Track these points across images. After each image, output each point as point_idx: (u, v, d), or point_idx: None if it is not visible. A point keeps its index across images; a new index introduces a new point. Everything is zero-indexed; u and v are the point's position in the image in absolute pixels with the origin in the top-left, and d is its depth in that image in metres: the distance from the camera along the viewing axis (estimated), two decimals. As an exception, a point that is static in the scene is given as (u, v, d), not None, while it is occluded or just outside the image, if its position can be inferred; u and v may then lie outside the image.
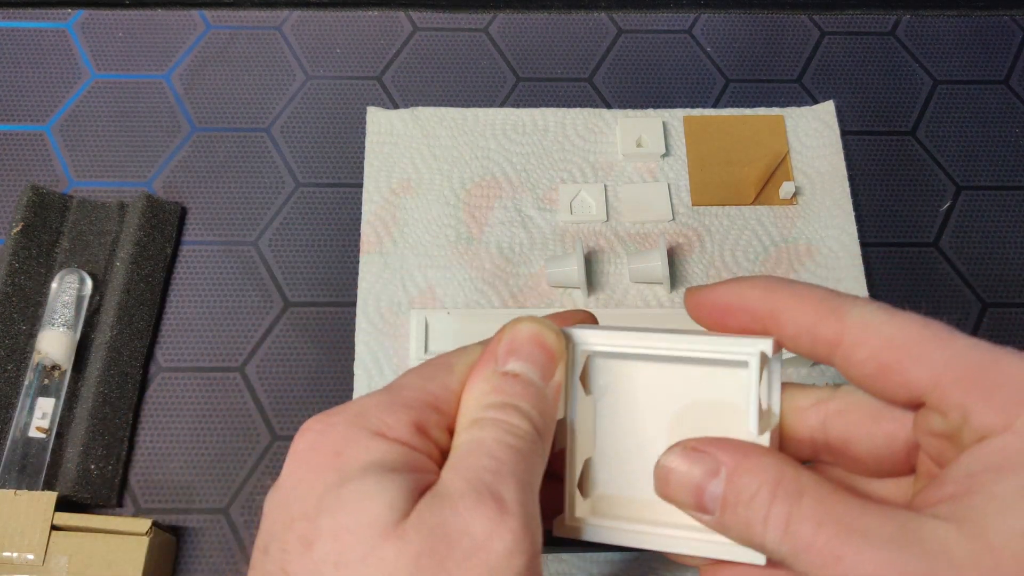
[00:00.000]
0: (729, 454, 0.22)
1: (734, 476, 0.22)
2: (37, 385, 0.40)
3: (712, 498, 0.22)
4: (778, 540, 0.21)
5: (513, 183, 0.47)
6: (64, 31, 0.51)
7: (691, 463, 0.23)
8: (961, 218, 0.48)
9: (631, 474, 0.25)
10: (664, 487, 0.23)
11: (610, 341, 0.25)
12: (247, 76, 0.50)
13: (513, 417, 0.23)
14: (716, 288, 0.25)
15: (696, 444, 0.23)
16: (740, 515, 0.22)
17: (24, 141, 0.48)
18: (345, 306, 0.45)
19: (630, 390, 0.26)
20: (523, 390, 0.23)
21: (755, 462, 0.22)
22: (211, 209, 0.47)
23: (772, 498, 0.21)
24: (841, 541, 0.20)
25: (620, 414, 0.26)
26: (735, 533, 0.22)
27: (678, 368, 0.25)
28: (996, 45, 0.53)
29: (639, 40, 0.52)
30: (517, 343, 0.24)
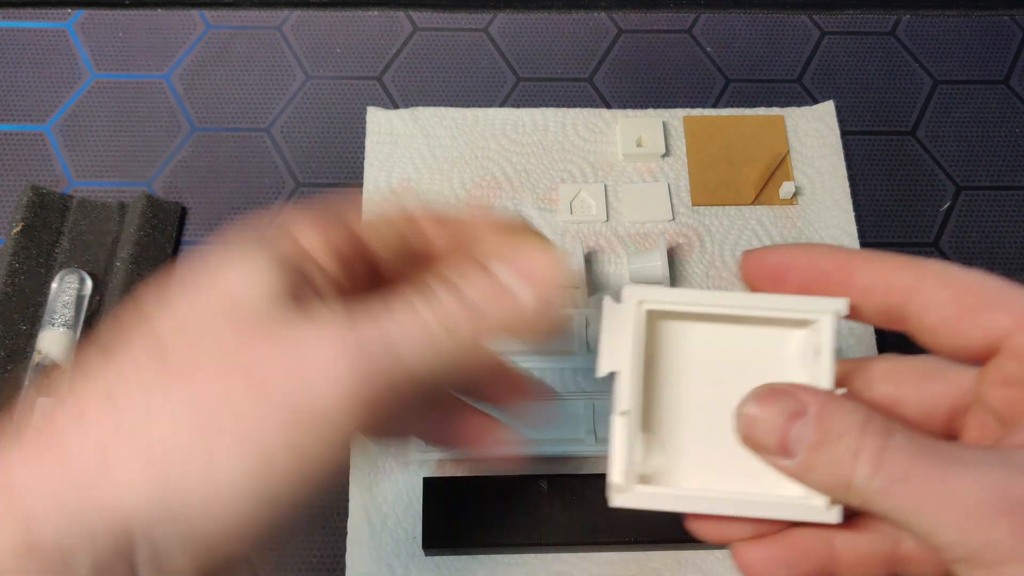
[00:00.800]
0: (815, 396, 0.22)
1: (822, 415, 0.22)
2: (37, 385, 0.40)
3: (797, 439, 0.22)
4: (869, 474, 0.21)
5: (513, 183, 0.47)
6: (64, 31, 0.51)
7: (776, 403, 0.22)
8: (961, 218, 0.48)
9: (687, 439, 0.25)
10: (747, 429, 0.23)
11: (674, 298, 0.24)
12: (247, 76, 0.50)
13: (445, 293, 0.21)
14: (778, 249, 0.25)
15: (780, 387, 0.23)
16: (827, 453, 0.21)
17: (24, 141, 0.48)
18: (345, 306, 0.45)
19: (688, 351, 0.25)
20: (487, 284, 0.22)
21: (842, 403, 0.22)
22: (211, 209, 0.47)
23: (863, 434, 0.21)
24: (941, 468, 0.20)
25: (678, 377, 0.25)
26: (819, 475, 0.22)
27: (737, 329, 0.25)
28: (996, 45, 0.53)
29: (639, 40, 0.52)
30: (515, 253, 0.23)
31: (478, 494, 0.39)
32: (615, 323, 0.25)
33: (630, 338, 0.24)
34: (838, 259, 0.24)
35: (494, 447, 0.27)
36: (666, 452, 0.25)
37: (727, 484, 0.24)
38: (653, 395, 0.25)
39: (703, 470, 0.25)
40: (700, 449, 0.25)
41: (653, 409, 0.25)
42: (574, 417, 0.41)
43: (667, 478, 0.25)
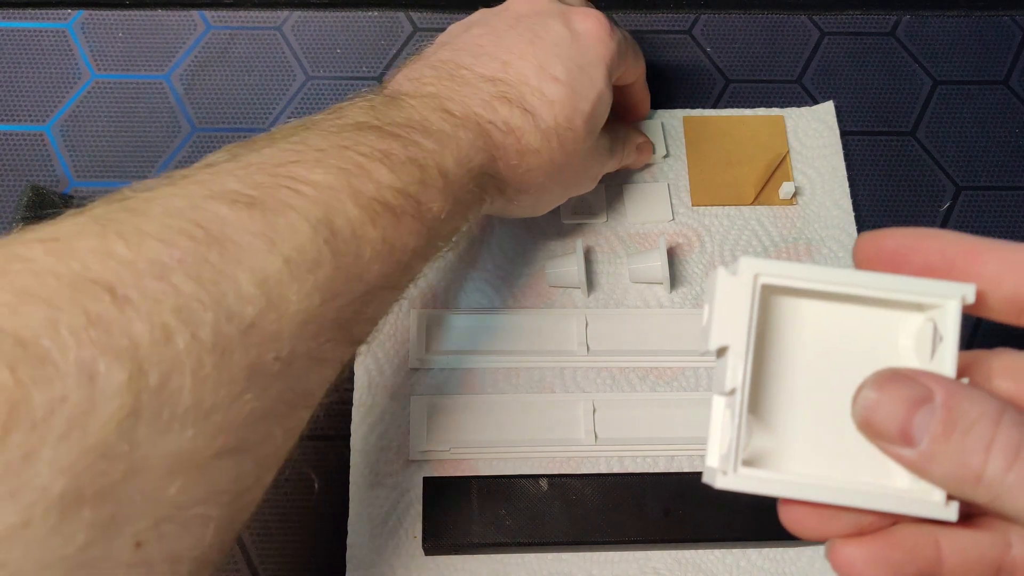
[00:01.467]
0: (941, 383, 0.21)
1: (951, 402, 0.20)
2: (37, 385, 0.40)
3: (921, 427, 0.20)
4: (1003, 468, 0.19)
5: (513, 183, 0.47)
6: (64, 31, 0.51)
7: (899, 388, 0.21)
8: (961, 218, 0.48)
9: (797, 422, 0.24)
10: (867, 414, 0.21)
11: (793, 273, 0.23)
12: (247, 76, 0.50)
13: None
14: (898, 232, 0.24)
15: (904, 371, 0.21)
16: (955, 443, 0.20)
17: (24, 141, 0.48)
18: (345, 306, 0.45)
19: (800, 330, 0.24)
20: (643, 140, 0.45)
21: (973, 392, 0.21)
22: (211, 209, 0.47)
23: (997, 424, 0.20)
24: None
25: (790, 357, 0.24)
26: (944, 466, 0.20)
27: (851, 309, 0.24)
28: (996, 45, 0.53)
29: (639, 40, 0.52)
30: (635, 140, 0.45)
31: (478, 494, 0.39)
32: (729, 295, 0.23)
33: (745, 312, 0.23)
34: (964, 245, 0.23)
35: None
36: (773, 435, 0.24)
37: (834, 472, 0.23)
38: (761, 374, 0.24)
39: (809, 456, 0.23)
40: (808, 434, 0.23)
41: (760, 389, 0.24)
42: (574, 417, 0.42)
43: (772, 462, 0.24)
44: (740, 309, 0.23)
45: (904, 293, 0.23)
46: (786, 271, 0.23)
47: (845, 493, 0.22)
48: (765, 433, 0.24)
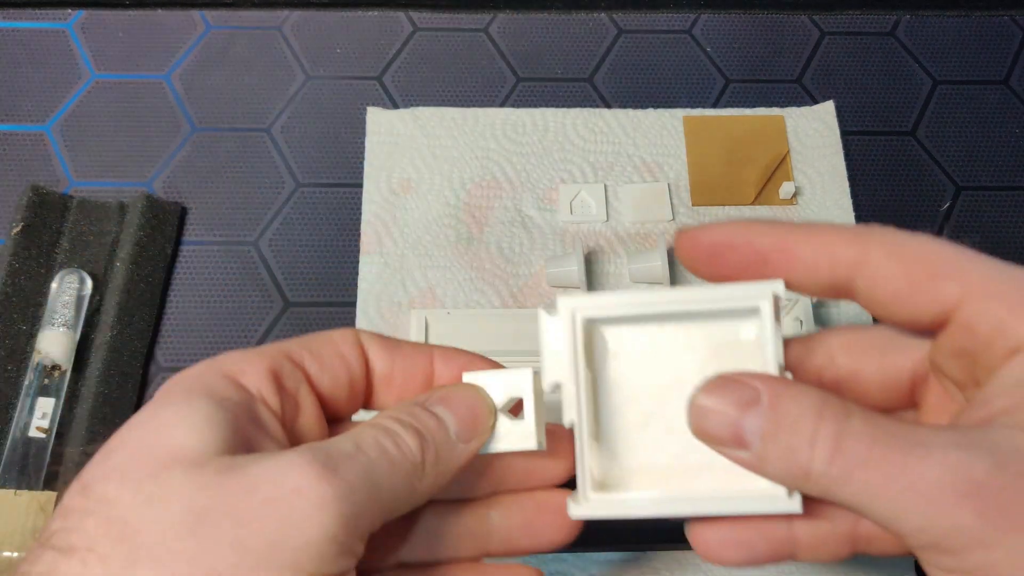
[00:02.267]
0: (767, 382, 0.21)
1: (776, 402, 0.21)
2: (37, 385, 0.40)
3: (752, 429, 0.21)
4: (827, 460, 0.19)
5: (513, 183, 0.47)
6: (64, 31, 0.51)
7: (728, 393, 0.21)
8: (961, 218, 0.48)
9: (641, 443, 0.24)
10: (699, 421, 0.22)
11: (608, 303, 0.24)
12: (247, 76, 0.50)
13: (408, 435, 0.22)
14: (712, 227, 0.24)
15: (731, 376, 0.22)
16: (783, 442, 0.20)
17: (24, 141, 0.48)
18: (345, 306, 0.45)
19: (639, 354, 0.24)
20: (434, 425, 0.23)
21: (796, 388, 0.21)
22: (211, 209, 0.47)
23: (819, 419, 0.20)
24: (901, 452, 0.19)
25: (625, 382, 0.25)
26: (776, 465, 0.21)
27: (679, 327, 0.24)
28: (996, 45, 0.53)
29: (639, 40, 0.52)
30: (450, 397, 0.24)
31: (478, 494, 0.39)
32: (553, 335, 0.24)
33: (569, 349, 0.24)
34: (777, 235, 0.23)
35: None
36: (624, 458, 0.24)
37: (688, 484, 0.23)
38: (605, 402, 0.25)
39: (665, 473, 0.24)
40: (660, 452, 0.24)
41: (605, 417, 0.25)
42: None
43: (627, 484, 0.24)
44: (566, 346, 0.24)
45: (721, 302, 0.23)
46: (603, 303, 0.24)
47: (695, 502, 0.23)
48: (620, 457, 0.24)
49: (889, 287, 0.21)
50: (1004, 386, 0.20)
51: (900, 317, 0.22)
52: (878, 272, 0.21)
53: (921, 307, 0.21)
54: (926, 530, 0.19)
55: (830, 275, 0.22)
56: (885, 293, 0.22)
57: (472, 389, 0.24)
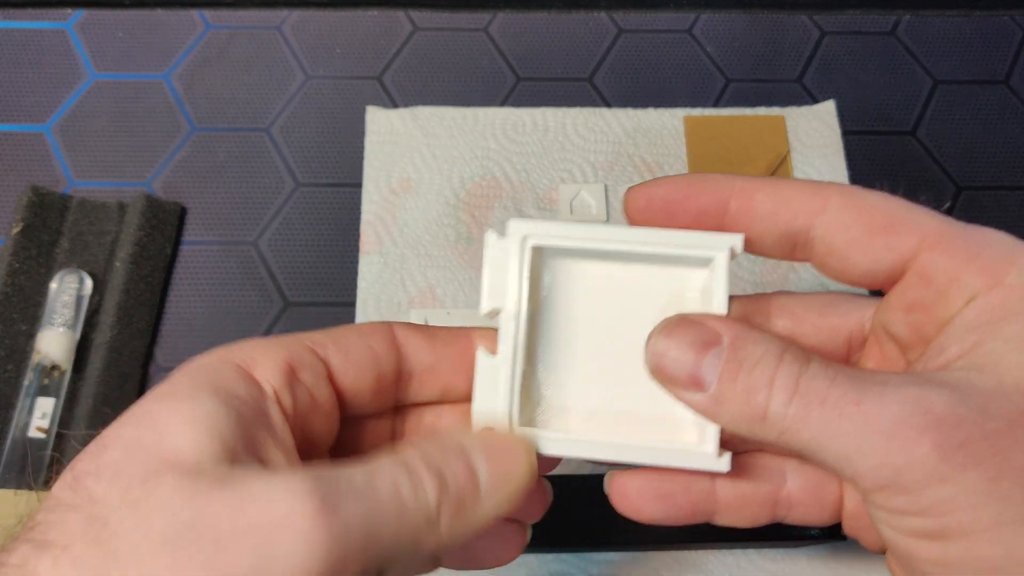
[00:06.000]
0: (728, 324, 0.21)
1: (737, 343, 0.20)
2: (37, 385, 0.40)
3: (710, 369, 0.20)
4: (785, 402, 0.19)
5: (513, 183, 0.47)
6: (64, 31, 0.51)
7: (687, 333, 0.21)
8: (961, 218, 0.48)
9: (574, 383, 0.23)
10: (657, 359, 0.21)
11: (562, 234, 0.23)
12: (247, 76, 0.50)
13: (429, 479, 0.19)
14: (666, 180, 0.23)
15: (691, 317, 0.21)
16: (741, 382, 0.20)
17: (24, 141, 0.48)
18: (345, 306, 0.45)
19: (583, 291, 0.24)
20: (463, 476, 0.20)
21: (756, 333, 0.21)
22: (211, 209, 0.47)
23: (779, 361, 0.20)
24: (858, 391, 0.19)
25: (565, 318, 0.24)
26: (732, 407, 0.20)
27: (637, 268, 0.24)
28: (996, 45, 0.53)
29: (639, 40, 0.52)
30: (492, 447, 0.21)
31: (478, 494, 0.39)
32: (499, 259, 0.23)
33: (515, 274, 0.23)
34: (736, 186, 0.22)
35: None
36: (556, 397, 0.24)
37: (617, 431, 0.23)
38: (542, 337, 0.24)
39: (596, 416, 0.23)
40: (593, 394, 0.23)
41: (541, 352, 0.24)
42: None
43: (555, 423, 0.23)
44: (511, 272, 0.23)
45: (676, 248, 0.22)
46: (556, 231, 0.23)
47: (621, 449, 0.22)
48: (552, 395, 0.24)
49: (846, 236, 0.21)
50: (958, 333, 0.20)
51: (856, 270, 0.22)
52: (837, 220, 0.21)
53: (878, 256, 0.21)
54: (882, 467, 0.18)
55: (789, 225, 0.22)
56: (843, 242, 0.21)
57: (517, 442, 0.22)
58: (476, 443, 0.21)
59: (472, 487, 0.20)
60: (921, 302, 0.21)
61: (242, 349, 0.21)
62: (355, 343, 0.23)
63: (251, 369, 0.21)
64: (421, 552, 0.20)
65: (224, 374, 0.20)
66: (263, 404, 0.20)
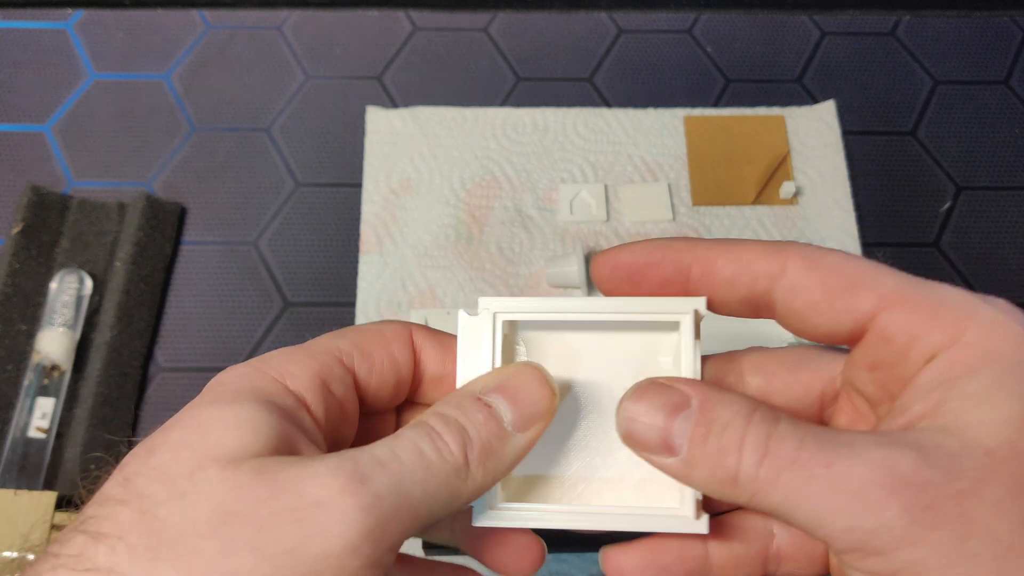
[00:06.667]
0: (697, 387, 0.21)
1: (706, 405, 0.21)
2: (37, 385, 0.40)
3: (680, 433, 0.21)
4: (755, 463, 0.19)
5: (513, 183, 0.47)
6: (64, 31, 0.51)
7: (657, 397, 0.21)
8: (961, 218, 0.48)
9: (553, 453, 0.24)
10: (628, 425, 0.21)
11: (531, 308, 0.23)
12: (247, 76, 0.50)
13: (450, 435, 0.21)
14: (630, 248, 0.24)
15: (660, 380, 0.22)
16: (711, 445, 0.20)
17: (24, 141, 0.48)
18: (345, 306, 0.45)
19: (557, 362, 0.24)
20: (484, 420, 0.21)
21: (726, 394, 0.21)
22: (211, 209, 0.47)
23: (748, 423, 0.20)
24: (827, 452, 0.19)
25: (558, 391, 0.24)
26: (703, 471, 0.20)
27: (608, 336, 0.24)
28: (996, 45, 0.53)
29: (639, 40, 0.52)
30: (509, 383, 0.22)
31: (478, 494, 0.39)
32: (471, 337, 0.24)
33: (488, 351, 0.23)
34: (697, 252, 0.23)
35: None
36: (536, 467, 0.24)
37: (597, 498, 0.23)
38: None
39: (575, 485, 0.24)
40: (572, 463, 0.24)
41: None
42: (574, 417, 0.41)
43: (536, 494, 0.24)
44: (484, 348, 0.23)
45: (643, 314, 0.23)
46: (525, 306, 0.23)
47: (603, 518, 0.22)
48: (533, 466, 0.24)
49: (806, 298, 0.21)
50: (920, 392, 0.20)
51: (818, 330, 0.22)
52: (796, 284, 0.22)
53: (838, 318, 0.21)
54: (853, 530, 0.18)
55: (749, 289, 0.22)
56: (803, 305, 0.22)
57: (533, 370, 0.23)
58: (492, 383, 0.22)
59: (497, 428, 0.21)
60: (883, 361, 0.21)
61: (276, 360, 0.22)
62: (379, 351, 0.24)
63: (286, 380, 0.22)
64: (461, 500, 0.21)
65: (263, 383, 0.21)
66: (299, 413, 0.21)
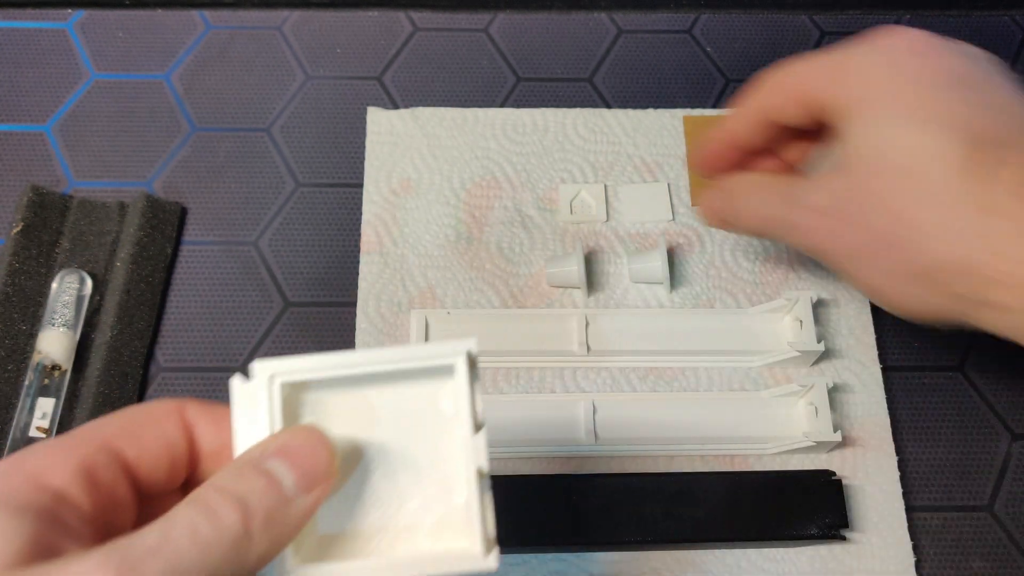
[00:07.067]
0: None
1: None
2: (37, 385, 0.40)
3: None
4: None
5: (513, 183, 0.47)
6: (64, 31, 0.51)
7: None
8: (961, 218, 0.48)
9: (346, 510, 0.24)
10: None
11: (307, 367, 0.23)
12: (247, 76, 0.50)
13: (227, 507, 0.20)
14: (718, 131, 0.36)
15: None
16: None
17: (24, 141, 0.48)
18: (345, 306, 0.45)
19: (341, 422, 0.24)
20: (264, 487, 0.21)
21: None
22: (211, 209, 0.47)
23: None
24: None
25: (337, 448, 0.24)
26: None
27: (394, 387, 0.24)
28: (996, 45, 0.53)
29: (639, 40, 0.52)
30: (288, 447, 0.22)
31: (478, 494, 0.39)
32: (248, 404, 0.23)
33: (266, 419, 0.23)
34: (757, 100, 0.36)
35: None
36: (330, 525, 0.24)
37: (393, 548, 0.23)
38: None
39: (370, 538, 0.24)
40: (366, 517, 0.24)
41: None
42: (574, 417, 0.41)
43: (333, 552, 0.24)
44: (261, 416, 0.23)
45: (416, 361, 0.23)
46: (301, 365, 0.23)
47: (405, 566, 0.23)
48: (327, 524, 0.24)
49: None
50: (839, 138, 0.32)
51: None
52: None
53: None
54: None
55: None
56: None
57: (310, 432, 0.22)
58: (271, 449, 0.22)
59: (279, 493, 0.21)
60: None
61: (33, 458, 0.21)
62: (148, 432, 0.23)
63: (45, 477, 0.21)
64: (247, 572, 0.20)
65: (15, 485, 0.20)
66: (60, 509, 0.20)
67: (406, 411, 0.24)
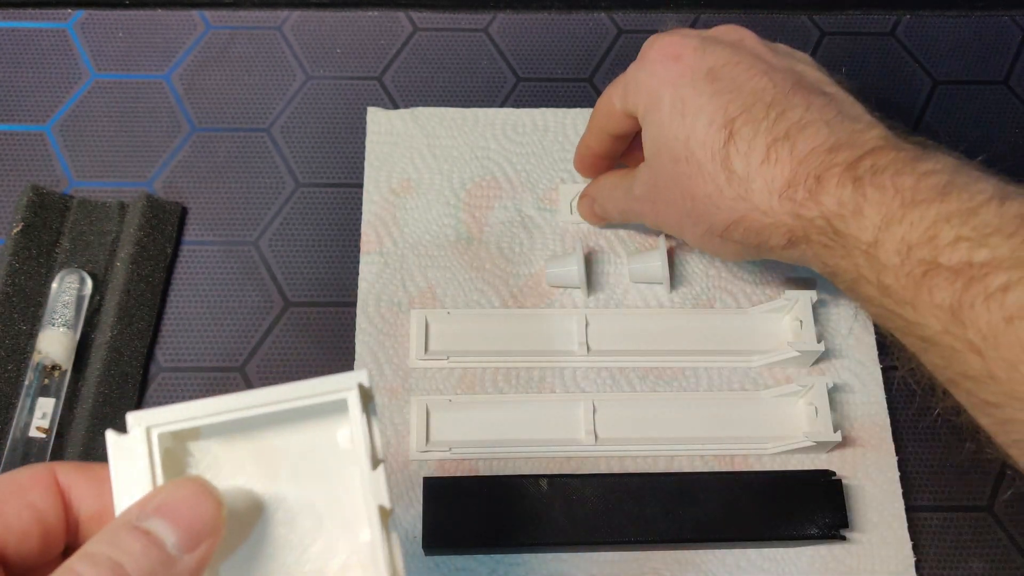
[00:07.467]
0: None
1: None
2: (37, 385, 0.40)
3: None
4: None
5: (513, 183, 0.47)
6: (64, 31, 0.51)
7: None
8: (961, 218, 0.48)
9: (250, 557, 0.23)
10: None
11: (185, 415, 0.21)
12: (247, 76, 0.50)
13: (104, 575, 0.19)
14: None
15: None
16: None
17: (24, 141, 0.48)
18: (345, 306, 0.45)
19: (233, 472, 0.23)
20: (143, 549, 0.19)
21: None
22: (211, 209, 0.47)
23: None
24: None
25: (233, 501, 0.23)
26: None
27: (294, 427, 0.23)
28: (996, 45, 0.53)
29: (639, 40, 0.52)
30: (168, 503, 0.20)
31: (478, 494, 0.39)
32: (126, 460, 0.21)
33: (146, 473, 0.21)
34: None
35: None
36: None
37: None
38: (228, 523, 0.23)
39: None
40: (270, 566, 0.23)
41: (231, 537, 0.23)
42: (574, 417, 0.41)
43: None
44: (141, 471, 0.21)
45: (306, 398, 0.22)
46: (180, 413, 0.22)
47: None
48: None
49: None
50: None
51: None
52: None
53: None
54: None
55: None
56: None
57: (194, 484, 0.21)
58: (150, 507, 0.21)
59: (160, 555, 0.20)
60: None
61: None
62: (14, 503, 0.22)
63: None
64: None
65: None
66: None
67: (305, 452, 0.23)
